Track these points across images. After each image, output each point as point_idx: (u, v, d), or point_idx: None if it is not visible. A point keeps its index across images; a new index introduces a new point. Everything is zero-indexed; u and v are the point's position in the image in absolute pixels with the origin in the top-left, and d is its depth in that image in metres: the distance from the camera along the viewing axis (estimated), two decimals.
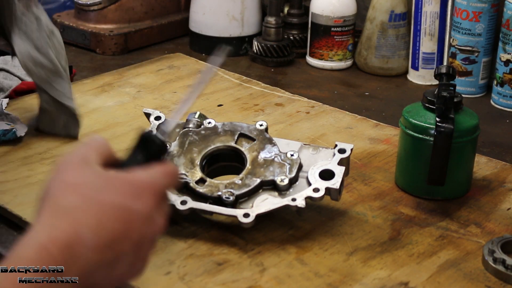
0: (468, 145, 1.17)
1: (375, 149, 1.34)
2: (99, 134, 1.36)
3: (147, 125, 1.17)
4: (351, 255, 1.04)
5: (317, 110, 1.49)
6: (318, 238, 1.08)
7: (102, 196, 0.66)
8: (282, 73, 1.73)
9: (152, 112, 1.17)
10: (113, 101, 1.49)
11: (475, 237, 1.10)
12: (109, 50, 1.78)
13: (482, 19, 1.58)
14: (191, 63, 1.71)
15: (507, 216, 1.15)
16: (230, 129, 1.12)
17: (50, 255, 0.62)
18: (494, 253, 1.02)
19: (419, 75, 1.70)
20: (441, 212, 1.15)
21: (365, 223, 1.12)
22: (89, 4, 1.80)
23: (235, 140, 1.11)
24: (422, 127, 1.16)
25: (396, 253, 1.05)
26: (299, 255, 1.04)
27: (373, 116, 1.48)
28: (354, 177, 1.23)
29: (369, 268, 1.02)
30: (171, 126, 0.83)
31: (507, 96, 1.57)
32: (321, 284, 0.98)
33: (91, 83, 1.57)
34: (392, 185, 1.22)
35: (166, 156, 1.02)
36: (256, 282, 0.98)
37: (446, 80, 1.15)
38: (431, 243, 1.08)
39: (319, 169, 1.06)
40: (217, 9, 1.80)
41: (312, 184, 1.05)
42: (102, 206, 0.65)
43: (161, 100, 1.51)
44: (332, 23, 1.72)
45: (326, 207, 1.15)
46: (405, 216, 1.14)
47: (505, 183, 1.24)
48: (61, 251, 0.62)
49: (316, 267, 1.02)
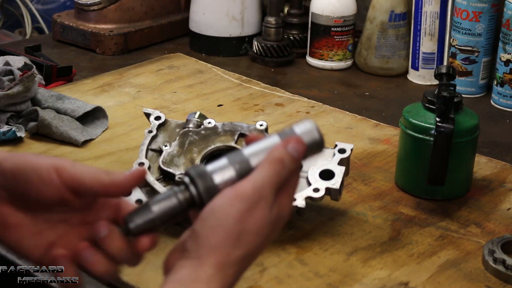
0: (468, 145, 1.17)
1: (375, 149, 1.34)
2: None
3: (147, 125, 1.17)
4: (351, 255, 1.04)
5: (317, 110, 1.49)
6: (318, 238, 1.08)
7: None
8: (282, 73, 1.73)
9: (152, 112, 1.17)
10: (113, 101, 1.49)
11: (475, 237, 1.10)
12: (109, 50, 1.78)
13: (482, 19, 1.58)
14: (191, 63, 1.71)
15: (507, 216, 1.15)
16: (230, 129, 1.12)
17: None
18: (494, 253, 1.02)
19: (419, 75, 1.70)
20: (441, 212, 1.16)
21: (365, 223, 1.12)
22: (89, 4, 1.80)
23: (235, 140, 1.11)
24: (422, 127, 1.16)
25: (396, 253, 1.05)
26: (299, 255, 1.04)
27: (373, 116, 1.48)
28: (354, 177, 1.24)
29: (369, 268, 1.02)
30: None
31: (507, 96, 1.57)
32: (321, 284, 0.98)
33: (91, 83, 1.57)
34: (392, 185, 1.22)
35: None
36: (256, 282, 0.98)
37: (446, 80, 1.15)
38: (431, 243, 1.08)
39: (319, 169, 1.06)
40: (217, 9, 1.80)
41: (312, 184, 1.05)
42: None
43: (161, 100, 1.51)
44: (332, 23, 1.72)
45: (326, 207, 1.15)
46: (405, 216, 1.14)
47: (505, 183, 1.24)
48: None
49: (316, 267, 1.02)
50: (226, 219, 0.72)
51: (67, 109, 1.36)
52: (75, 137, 1.31)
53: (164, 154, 1.10)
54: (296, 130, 0.78)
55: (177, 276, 0.73)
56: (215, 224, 0.72)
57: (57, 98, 1.38)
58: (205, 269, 0.72)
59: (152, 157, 1.12)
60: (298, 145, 0.77)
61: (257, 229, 0.73)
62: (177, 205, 0.75)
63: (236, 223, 0.72)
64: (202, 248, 0.72)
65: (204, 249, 0.72)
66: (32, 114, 1.33)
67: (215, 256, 0.72)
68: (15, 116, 1.34)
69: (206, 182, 0.75)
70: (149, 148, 1.13)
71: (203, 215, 0.73)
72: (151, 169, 1.10)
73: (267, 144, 0.77)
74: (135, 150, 1.24)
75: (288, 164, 0.75)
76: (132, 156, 1.25)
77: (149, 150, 1.12)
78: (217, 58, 1.78)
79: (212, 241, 0.72)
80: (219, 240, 0.72)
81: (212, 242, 0.72)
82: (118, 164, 1.26)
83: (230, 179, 0.75)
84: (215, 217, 0.72)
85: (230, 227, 0.72)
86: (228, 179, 0.75)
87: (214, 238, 0.72)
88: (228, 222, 0.72)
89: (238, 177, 0.75)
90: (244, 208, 0.73)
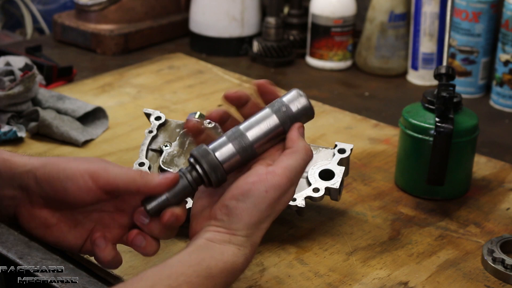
0: (468, 145, 1.17)
1: (375, 149, 1.34)
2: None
3: (147, 125, 1.17)
4: (351, 255, 1.05)
5: (317, 110, 1.48)
6: (318, 238, 1.08)
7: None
8: (282, 74, 1.74)
9: (152, 112, 1.17)
10: (113, 101, 1.49)
11: (474, 237, 1.10)
12: (109, 50, 1.79)
13: (482, 19, 1.58)
14: (191, 63, 1.71)
15: (506, 216, 1.15)
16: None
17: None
18: (493, 253, 1.02)
19: (419, 75, 1.70)
20: (440, 212, 1.16)
21: (365, 223, 1.12)
22: (89, 4, 1.81)
23: None
24: (421, 127, 1.16)
25: (395, 253, 1.06)
26: (299, 255, 1.04)
27: (373, 116, 1.49)
28: (354, 177, 1.24)
29: (368, 268, 1.02)
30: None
31: (506, 96, 1.58)
32: (321, 284, 0.99)
33: (92, 83, 1.57)
34: (392, 185, 1.22)
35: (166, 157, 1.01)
36: (256, 282, 0.98)
37: (445, 80, 1.15)
38: (431, 243, 1.08)
39: (319, 169, 1.07)
40: (217, 9, 1.80)
41: (312, 184, 1.05)
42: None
43: (161, 100, 1.51)
44: (332, 24, 1.72)
45: (326, 207, 1.15)
46: (404, 216, 1.15)
47: (504, 183, 1.25)
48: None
49: (316, 267, 1.02)
50: (261, 204, 0.81)
51: (68, 109, 1.36)
52: (76, 137, 1.31)
53: (164, 154, 1.10)
54: (285, 100, 0.85)
55: (211, 236, 0.81)
56: (250, 207, 0.81)
57: (58, 98, 1.38)
58: (237, 237, 0.81)
59: (152, 157, 1.12)
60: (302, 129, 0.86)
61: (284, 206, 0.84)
62: (186, 185, 0.83)
63: (269, 207, 0.82)
64: (236, 224, 0.81)
65: (238, 225, 0.81)
66: (32, 114, 1.33)
67: (247, 230, 0.81)
68: (16, 116, 1.34)
69: (209, 161, 0.82)
70: (150, 148, 1.13)
71: (238, 195, 0.81)
72: (151, 169, 1.10)
73: (260, 117, 0.85)
74: (136, 150, 1.25)
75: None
76: (132, 156, 1.25)
77: (150, 150, 1.13)
78: (217, 58, 1.79)
79: (246, 220, 0.81)
80: (253, 220, 0.81)
81: (245, 220, 0.81)
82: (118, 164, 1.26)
83: (231, 155, 0.83)
84: (251, 201, 0.81)
85: (263, 210, 0.81)
86: (229, 155, 0.83)
87: (248, 218, 0.81)
88: (262, 207, 0.81)
89: (238, 151, 0.83)
90: (278, 195, 0.82)
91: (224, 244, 0.80)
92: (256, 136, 0.84)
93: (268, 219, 0.83)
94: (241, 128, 0.84)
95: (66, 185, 0.82)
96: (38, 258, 1.03)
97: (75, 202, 0.84)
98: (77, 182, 0.82)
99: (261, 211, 0.81)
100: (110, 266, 0.88)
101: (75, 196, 0.83)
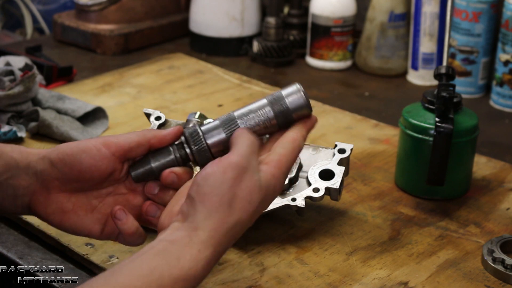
0: (468, 145, 1.18)
1: (375, 149, 1.34)
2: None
3: (147, 125, 1.17)
4: (351, 255, 1.05)
5: (317, 110, 1.50)
6: (318, 238, 1.08)
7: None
8: (282, 74, 1.74)
9: (152, 112, 1.17)
10: (113, 101, 1.49)
11: (474, 237, 1.10)
12: (109, 50, 1.79)
13: (482, 19, 1.58)
14: (191, 63, 1.71)
15: (506, 216, 1.15)
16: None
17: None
18: (493, 253, 1.02)
19: (419, 75, 1.70)
20: (440, 212, 1.16)
21: (365, 223, 1.12)
22: (89, 4, 1.81)
23: None
24: (421, 127, 1.16)
25: (395, 253, 1.06)
26: (299, 255, 1.04)
27: (373, 116, 1.49)
28: (354, 177, 1.24)
29: (368, 268, 1.02)
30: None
31: (506, 96, 1.58)
32: (321, 284, 0.99)
33: (92, 83, 1.57)
34: (391, 185, 1.22)
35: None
36: (256, 282, 0.98)
37: (445, 80, 1.15)
38: (431, 243, 1.08)
39: (319, 169, 1.07)
40: (217, 9, 1.80)
41: (312, 184, 1.05)
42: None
43: (161, 100, 1.51)
44: (332, 24, 1.72)
45: (326, 207, 1.15)
46: (404, 216, 1.15)
47: (504, 183, 1.25)
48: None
49: (316, 267, 1.02)
50: (219, 185, 0.77)
51: (68, 109, 1.37)
52: (76, 137, 1.31)
53: None
54: (283, 93, 0.86)
55: (171, 237, 0.77)
56: (208, 190, 0.77)
57: (58, 98, 1.38)
58: (199, 234, 0.76)
59: None
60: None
61: (248, 195, 0.78)
62: (173, 159, 0.86)
63: (229, 189, 0.77)
64: (198, 213, 0.77)
65: (200, 214, 0.77)
66: (32, 114, 1.33)
67: (210, 222, 0.77)
68: (16, 116, 1.34)
69: (198, 143, 0.85)
70: None
71: (198, 181, 0.78)
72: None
73: (255, 106, 0.86)
74: None
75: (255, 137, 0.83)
76: None
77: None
78: (217, 58, 1.79)
79: (207, 206, 0.77)
80: (213, 205, 0.77)
81: (207, 207, 0.77)
82: None
83: (221, 140, 0.85)
84: (209, 184, 0.77)
85: (223, 192, 0.77)
86: (219, 140, 0.85)
87: (208, 203, 0.77)
88: (222, 187, 0.77)
89: (227, 137, 0.84)
90: (235, 174, 0.78)
91: (183, 246, 0.76)
92: (247, 124, 0.85)
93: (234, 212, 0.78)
94: (235, 114, 0.86)
95: (81, 157, 0.85)
96: (38, 258, 1.03)
97: (91, 176, 0.86)
98: (90, 152, 0.85)
99: (221, 194, 0.77)
100: (134, 240, 0.88)
101: (90, 167, 0.85)
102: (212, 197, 0.77)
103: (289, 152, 0.83)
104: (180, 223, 0.78)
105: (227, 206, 0.77)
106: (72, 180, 0.86)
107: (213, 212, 0.77)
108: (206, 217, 0.77)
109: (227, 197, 0.77)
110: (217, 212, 0.77)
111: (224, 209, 0.77)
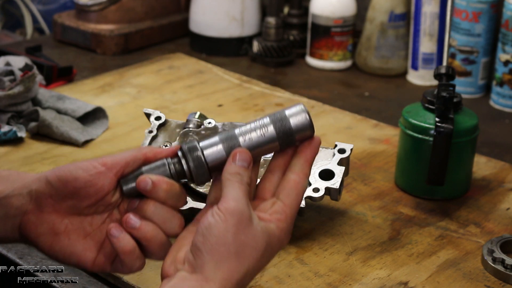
0: (468, 145, 1.18)
1: (375, 149, 1.34)
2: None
3: (147, 125, 1.17)
4: (351, 255, 1.05)
5: (317, 110, 1.50)
6: (318, 238, 1.08)
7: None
8: (282, 73, 1.74)
9: (152, 112, 1.17)
10: (113, 101, 1.49)
11: (474, 237, 1.10)
12: (109, 50, 1.79)
13: (482, 19, 1.58)
14: (191, 63, 1.71)
15: (506, 216, 1.15)
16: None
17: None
18: (493, 253, 1.02)
19: (419, 75, 1.70)
20: (440, 212, 1.16)
21: (365, 223, 1.12)
22: (89, 4, 1.81)
23: None
24: (421, 127, 1.16)
25: (395, 253, 1.06)
26: (299, 255, 1.04)
27: (373, 116, 1.49)
28: (354, 177, 1.24)
29: (368, 268, 1.02)
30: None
31: (506, 96, 1.58)
32: (321, 284, 0.99)
33: (92, 83, 1.57)
34: (391, 185, 1.22)
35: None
36: (256, 282, 0.98)
37: (445, 80, 1.15)
38: (431, 243, 1.08)
39: (319, 169, 1.07)
40: (217, 9, 1.80)
41: (312, 184, 1.05)
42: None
43: (161, 100, 1.51)
44: (332, 24, 1.72)
45: (326, 207, 1.15)
46: (404, 216, 1.15)
47: (504, 183, 1.25)
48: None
49: (316, 267, 1.02)
50: (224, 234, 0.76)
51: (68, 109, 1.37)
52: (76, 137, 1.31)
53: None
54: (286, 112, 0.83)
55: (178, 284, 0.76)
56: (214, 240, 0.76)
57: (58, 98, 1.38)
58: (211, 286, 0.75)
59: None
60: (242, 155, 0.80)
61: (253, 241, 0.77)
62: (168, 175, 0.81)
63: (234, 237, 0.76)
64: (207, 264, 0.76)
65: (209, 265, 0.76)
66: (32, 114, 1.33)
67: (220, 273, 0.76)
68: (16, 116, 1.34)
69: (197, 160, 0.80)
70: None
71: (202, 231, 0.76)
72: None
73: (257, 125, 0.82)
74: None
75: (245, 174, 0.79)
76: None
77: None
78: (217, 59, 1.79)
79: (215, 257, 0.76)
80: (222, 255, 0.76)
81: (215, 258, 0.76)
82: None
83: (220, 157, 0.81)
84: (214, 234, 0.76)
85: (229, 241, 0.76)
86: (218, 158, 0.80)
87: (216, 254, 0.76)
88: (227, 236, 0.76)
89: (227, 154, 0.80)
90: (236, 221, 0.76)
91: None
92: (248, 143, 0.82)
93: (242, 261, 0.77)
94: (236, 132, 0.82)
95: (77, 173, 0.82)
96: (38, 258, 1.03)
97: (86, 193, 0.82)
98: (87, 169, 0.82)
99: (228, 244, 0.76)
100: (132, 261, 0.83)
101: (86, 183, 0.82)
102: (219, 248, 0.76)
103: (293, 200, 0.81)
104: (188, 274, 0.77)
105: (235, 255, 0.76)
106: (66, 197, 0.83)
107: (222, 263, 0.76)
108: (216, 268, 0.76)
109: (234, 246, 0.76)
110: (226, 262, 0.76)
111: (233, 258, 0.76)
